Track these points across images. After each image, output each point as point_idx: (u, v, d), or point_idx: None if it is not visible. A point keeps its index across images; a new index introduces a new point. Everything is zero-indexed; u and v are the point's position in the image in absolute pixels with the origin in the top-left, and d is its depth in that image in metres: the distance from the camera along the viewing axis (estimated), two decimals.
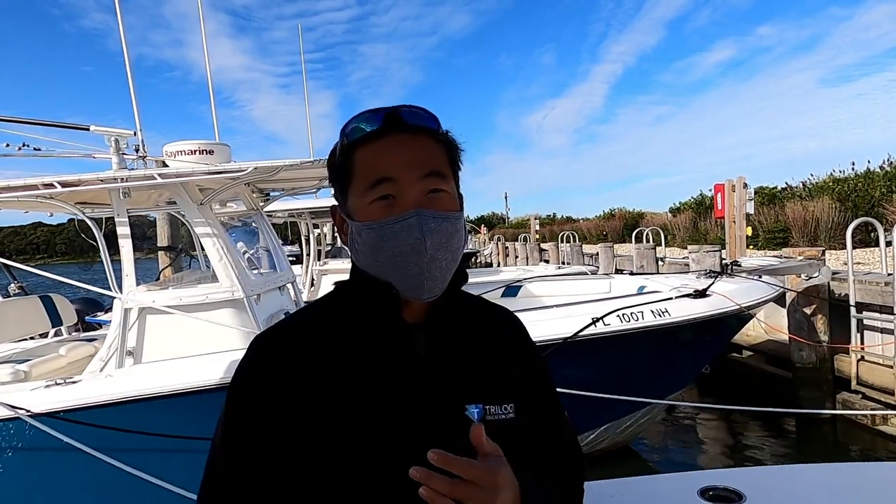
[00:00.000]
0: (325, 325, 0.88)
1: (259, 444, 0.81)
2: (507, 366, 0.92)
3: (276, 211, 8.61)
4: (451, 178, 0.87)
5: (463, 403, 0.82)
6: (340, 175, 0.87)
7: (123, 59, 4.38)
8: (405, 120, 0.84)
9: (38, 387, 3.65)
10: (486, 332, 0.94)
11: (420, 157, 0.84)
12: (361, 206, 0.84)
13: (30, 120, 4.28)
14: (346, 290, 0.92)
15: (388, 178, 0.82)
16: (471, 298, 0.99)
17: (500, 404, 0.86)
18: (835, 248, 11.12)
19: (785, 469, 1.83)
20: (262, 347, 0.87)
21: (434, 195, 0.83)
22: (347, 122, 0.86)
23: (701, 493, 1.44)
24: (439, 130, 0.88)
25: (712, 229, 16.27)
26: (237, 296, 4.14)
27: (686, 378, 5.63)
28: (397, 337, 0.86)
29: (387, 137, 0.84)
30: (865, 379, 6.40)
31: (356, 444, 0.78)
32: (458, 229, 0.85)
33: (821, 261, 6.95)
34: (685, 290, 4.76)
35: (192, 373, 3.62)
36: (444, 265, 0.83)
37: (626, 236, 21.91)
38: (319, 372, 0.82)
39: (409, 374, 0.84)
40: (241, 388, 0.85)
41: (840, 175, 15.58)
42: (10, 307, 5.15)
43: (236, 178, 4.19)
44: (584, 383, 3.91)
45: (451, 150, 0.89)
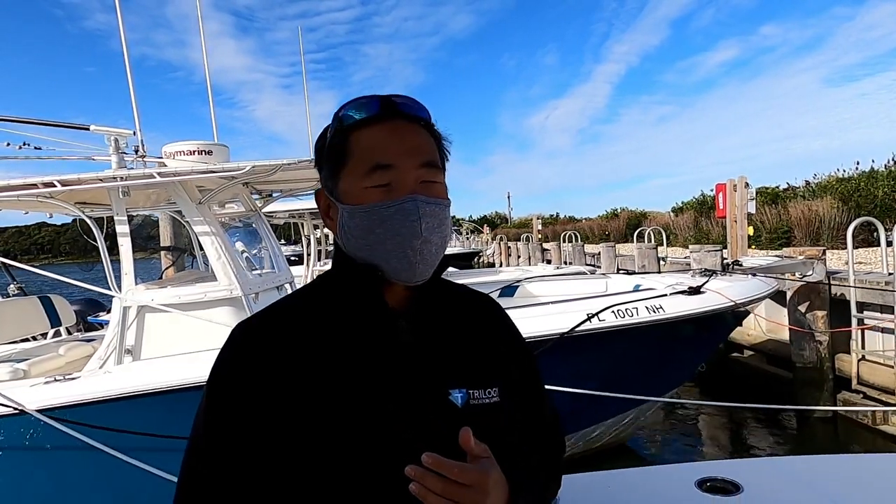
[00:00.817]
0: (307, 313, 0.88)
1: (239, 438, 0.80)
2: (490, 350, 0.93)
3: (276, 211, 8.65)
4: (442, 170, 0.89)
5: (447, 388, 0.84)
6: (334, 157, 0.87)
7: (123, 59, 4.41)
8: (401, 108, 0.86)
9: (38, 383, 3.69)
10: (469, 317, 0.96)
11: (417, 144, 0.85)
12: (356, 190, 0.84)
13: (30, 120, 4.31)
14: (329, 278, 0.92)
15: (386, 165, 0.82)
16: (452, 285, 1.00)
17: (483, 388, 0.86)
18: (837, 247, 11.09)
19: (783, 460, 1.81)
20: (243, 337, 0.86)
21: (428, 185, 0.85)
22: (342, 106, 0.87)
23: (698, 484, 1.44)
24: (431, 122, 0.90)
25: (714, 229, 16.23)
26: (235, 294, 4.17)
27: (682, 375, 5.63)
28: (381, 323, 0.86)
29: (384, 123, 0.84)
30: (866, 379, 6.39)
31: (342, 431, 0.78)
32: (447, 217, 0.87)
33: (820, 260, 6.94)
34: (680, 287, 4.77)
35: (188, 369, 3.65)
36: (436, 249, 0.85)
37: (628, 236, 21.88)
38: (302, 360, 0.82)
39: (393, 360, 0.84)
40: (221, 381, 0.84)
41: (843, 175, 15.54)
42: (9, 307, 5.18)
43: (233, 177, 4.23)
44: (580, 380, 3.92)
45: (440, 143, 0.91)
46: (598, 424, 5.07)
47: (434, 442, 0.73)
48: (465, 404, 0.83)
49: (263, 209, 5.67)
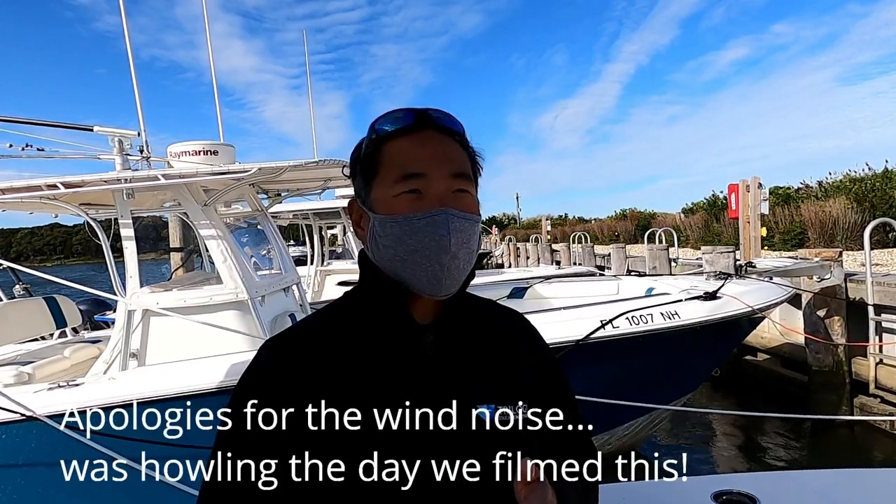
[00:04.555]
0: (334, 329, 0.89)
1: (263, 453, 0.80)
2: (517, 365, 0.93)
3: (282, 212, 8.61)
4: (474, 184, 0.89)
5: (473, 403, 0.84)
6: (367, 167, 0.88)
7: (128, 59, 4.36)
8: (435, 120, 0.87)
9: (42, 389, 3.64)
10: (496, 332, 0.95)
11: (449, 155, 0.86)
12: (387, 198, 0.84)
13: (34, 120, 4.27)
14: (355, 294, 0.94)
15: (417, 174, 0.83)
16: (480, 300, 1.00)
17: (510, 405, 0.86)
18: (852, 248, 10.93)
19: (799, 474, 1.85)
20: (271, 354, 0.88)
21: (459, 195, 0.85)
22: (377, 119, 0.88)
23: (714, 497, 1.43)
24: (465, 136, 0.91)
25: (726, 230, 16.07)
26: (241, 297, 4.11)
27: (696, 381, 5.54)
28: (408, 337, 0.87)
29: (418, 133, 0.86)
30: (884, 382, 6.26)
31: (365, 446, 0.78)
32: (477, 231, 0.87)
33: (837, 262, 6.81)
34: (695, 291, 4.66)
35: (195, 375, 3.59)
36: (463, 265, 0.85)
37: (638, 237, 21.75)
38: (328, 376, 0.83)
39: (420, 374, 0.85)
40: (245, 394, 0.84)
41: (857, 175, 15.34)
42: (15, 308, 5.16)
43: (240, 178, 4.16)
44: (592, 387, 3.83)
45: (473, 158, 0.91)
46: (608, 431, 4.98)
47: (460, 457, 0.77)
48: (492, 420, 0.84)
49: (270, 209, 5.62)
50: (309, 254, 9.52)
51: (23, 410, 3.40)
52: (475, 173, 0.91)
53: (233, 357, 3.69)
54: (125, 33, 4.35)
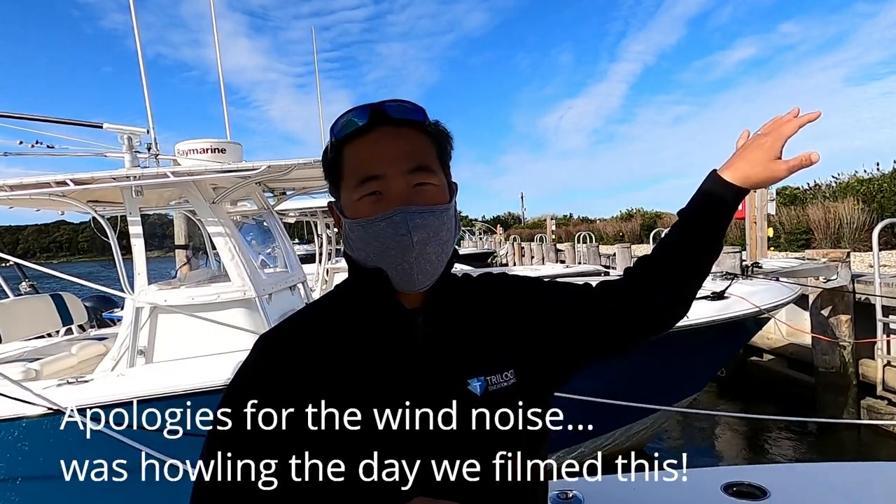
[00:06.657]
0: (326, 321, 0.90)
1: (256, 443, 0.80)
2: (505, 331, 0.92)
3: (288, 210, 8.61)
4: (439, 170, 0.87)
5: (465, 378, 0.84)
6: (331, 173, 0.90)
7: (137, 56, 4.38)
8: (390, 114, 0.85)
9: (50, 386, 3.65)
10: (484, 302, 0.95)
11: (405, 150, 0.84)
12: (352, 203, 0.85)
13: (43, 117, 4.29)
14: (345, 285, 0.94)
15: (375, 176, 0.83)
16: (466, 276, 1.00)
17: (500, 372, 0.87)
18: (860, 249, 10.86)
19: (809, 466, 1.84)
20: (265, 348, 0.89)
21: (420, 188, 0.84)
22: (336, 120, 0.87)
23: (724, 488, 1.44)
24: (425, 122, 0.88)
25: (731, 230, 16.00)
26: (249, 295, 4.12)
27: (702, 381, 5.52)
28: (397, 323, 0.88)
29: (372, 133, 0.84)
30: (892, 385, 6.23)
31: (361, 433, 0.79)
32: (446, 221, 0.85)
33: (844, 263, 6.78)
34: (702, 291, 4.65)
35: (205, 372, 3.60)
36: (434, 258, 0.84)
37: (643, 237, 21.67)
38: (323, 367, 0.84)
39: (412, 357, 0.85)
40: (241, 387, 0.85)
41: (866, 175, 15.25)
42: (22, 306, 5.18)
43: (248, 176, 4.17)
44: (597, 386, 3.82)
45: (439, 141, 0.89)
46: (613, 431, 4.97)
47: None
48: (483, 392, 0.84)
49: (276, 207, 5.63)
50: (316, 252, 9.53)
51: (48, 404, 3.39)
52: (443, 157, 0.89)
53: (241, 354, 3.69)
54: (135, 33, 4.37)
